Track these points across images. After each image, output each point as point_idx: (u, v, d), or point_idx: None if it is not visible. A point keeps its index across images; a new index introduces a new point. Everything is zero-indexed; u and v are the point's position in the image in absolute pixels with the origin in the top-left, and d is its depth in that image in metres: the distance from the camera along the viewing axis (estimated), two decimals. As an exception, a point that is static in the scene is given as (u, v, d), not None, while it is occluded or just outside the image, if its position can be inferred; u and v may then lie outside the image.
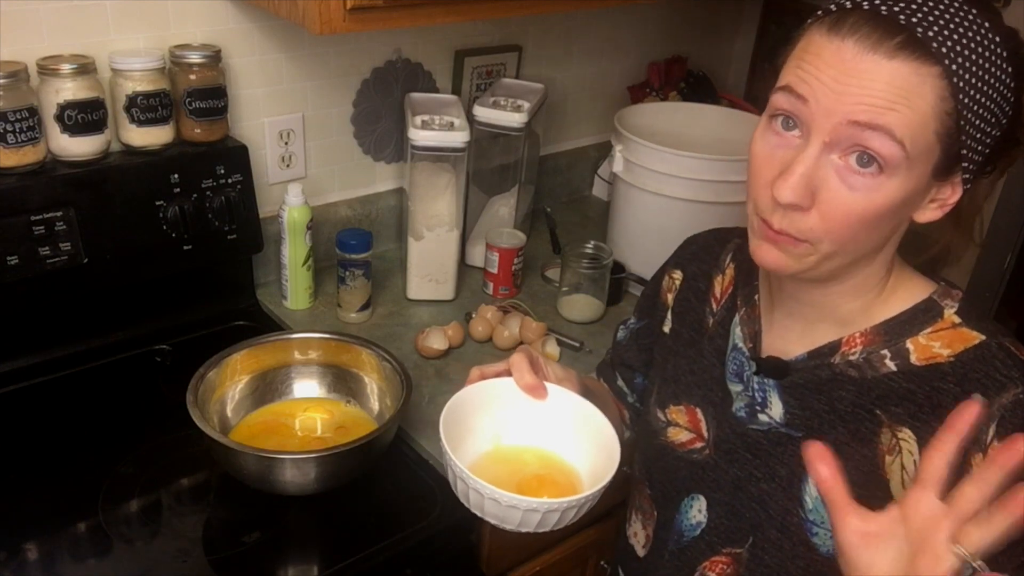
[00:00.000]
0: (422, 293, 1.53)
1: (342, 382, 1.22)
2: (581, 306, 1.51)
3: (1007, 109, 0.69)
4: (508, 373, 0.88)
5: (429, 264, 1.51)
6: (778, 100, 0.71)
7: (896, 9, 0.66)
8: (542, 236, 1.80)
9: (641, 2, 1.71)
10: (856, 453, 0.76)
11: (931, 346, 0.75)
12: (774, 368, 0.82)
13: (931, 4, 0.66)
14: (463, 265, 1.61)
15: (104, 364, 1.31)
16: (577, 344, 1.43)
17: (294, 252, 1.42)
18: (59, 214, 1.19)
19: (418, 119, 1.42)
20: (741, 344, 0.87)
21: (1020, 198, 1.79)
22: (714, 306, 0.93)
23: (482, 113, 1.52)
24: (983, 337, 0.75)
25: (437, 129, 1.42)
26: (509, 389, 0.86)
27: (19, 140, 1.14)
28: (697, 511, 0.88)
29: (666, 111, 1.77)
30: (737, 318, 0.89)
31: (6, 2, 1.14)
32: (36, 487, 1.09)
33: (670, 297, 0.99)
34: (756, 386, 0.84)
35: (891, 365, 0.76)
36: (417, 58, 1.60)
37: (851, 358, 0.78)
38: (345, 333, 1.25)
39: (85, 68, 1.17)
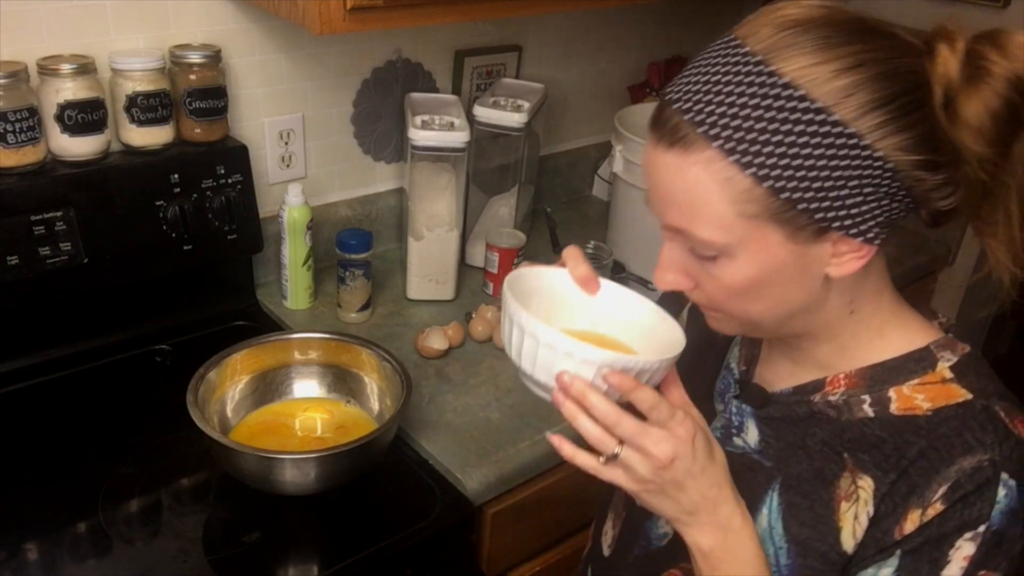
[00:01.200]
0: (422, 293, 1.53)
1: (342, 382, 1.22)
2: (581, 306, 1.51)
3: (852, 154, 0.62)
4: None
5: (429, 264, 1.51)
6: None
7: (675, 95, 0.65)
8: (542, 236, 1.80)
9: (641, 2, 1.71)
10: (815, 493, 0.74)
11: (914, 397, 0.72)
12: (755, 396, 0.81)
13: (704, 79, 0.64)
14: (463, 265, 1.61)
15: (104, 364, 1.31)
16: (577, 344, 1.43)
17: (294, 252, 1.42)
18: (59, 214, 1.19)
19: (418, 119, 1.42)
20: (734, 365, 0.86)
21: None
22: None
23: (482, 113, 1.52)
24: (970, 396, 0.70)
25: (437, 129, 1.42)
26: (562, 279, 0.81)
27: (19, 140, 1.14)
28: (666, 521, 0.85)
29: (666, 111, 1.77)
30: (738, 338, 0.88)
31: (6, 2, 1.14)
32: (36, 487, 1.09)
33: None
34: (735, 410, 0.83)
35: (869, 411, 0.73)
36: (417, 58, 1.60)
37: (831, 398, 0.75)
38: (345, 333, 1.25)
39: (85, 68, 1.17)
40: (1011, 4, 1.75)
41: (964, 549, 0.66)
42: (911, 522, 0.68)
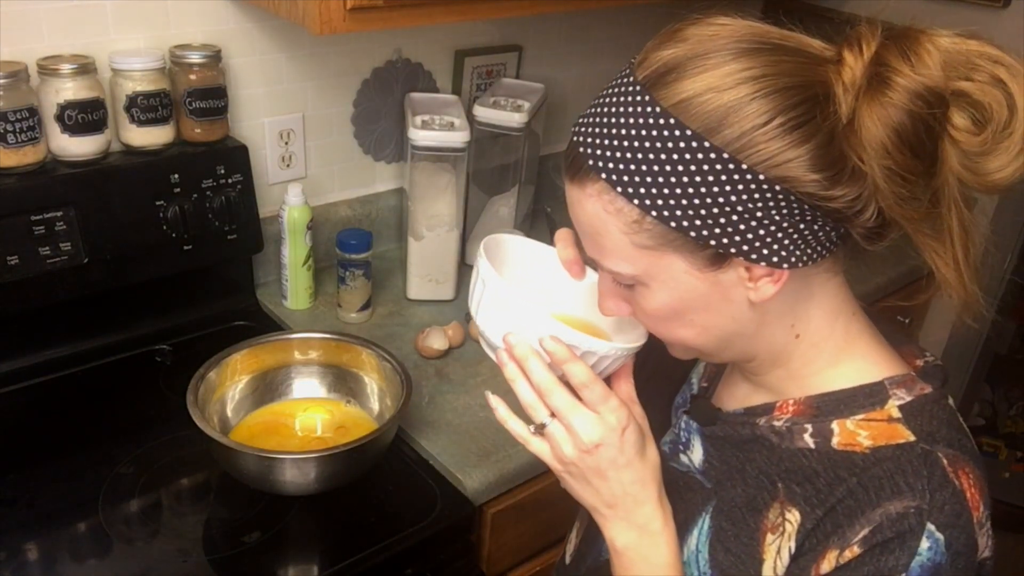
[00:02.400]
0: (422, 293, 1.53)
1: (342, 382, 1.22)
2: (581, 306, 1.51)
3: (748, 178, 0.59)
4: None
5: (429, 264, 1.51)
6: None
7: (576, 127, 0.66)
8: (542, 236, 1.77)
9: (641, 2, 1.71)
10: (743, 520, 0.72)
11: (856, 433, 0.68)
12: (703, 414, 0.79)
13: (598, 109, 0.64)
14: (463, 265, 1.61)
15: (104, 364, 1.31)
16: (577, 344, 1.43)
17: (294, 252, 1.42)
18: (59, 214, 1.19)
19: (418, 119, 1.43)
20: (695, 380, 0.85)
21: (1020, 198, 1.79)
22: None
23: (482, 113, 1.52)
24: (912, 438, 0.66)
25: (437, 129, 1.42)
26: (548, 257, 0.81)
27: (19, 140, 1.14)
28: None
29: (666, 111, 1.77)
30: None
31: (6, 2, 1.14)
32: (36, 487, 1.08)
33: None
34: (683, 425, 0.81)
35: (809, 442, 0.70)
36: (417, 58, 1.60)
37: (776, 423, 0.72)
38: (345, 333, 1.25)
39: (85, 68, 1.17)
40: (1011, 4, 1.75)
41: None
42: (827, 562, 0.64)
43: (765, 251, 0.62)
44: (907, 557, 0.62)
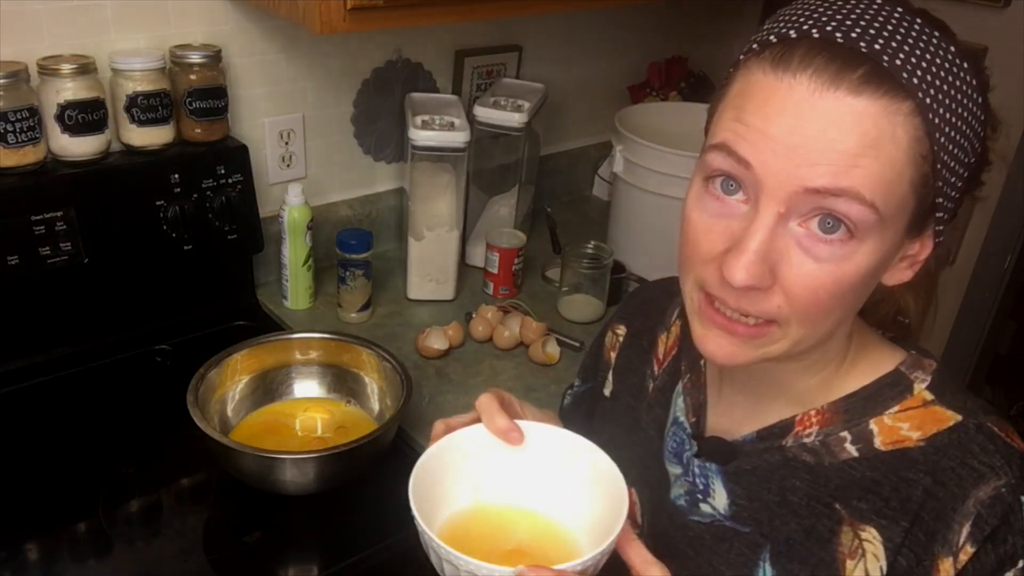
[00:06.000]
0: (422, 293, 1.53)
1: (342, 382, 1.22)
2: (581, 306, 1.51)
3: (977, 146, 0.59)
4: (477, 421, 0.72)
5: (429, 264, 1.51)
6: (714, 161, 0.59)
7: (854, 35, 0.55)
8: (542, 236, 1.80)
9: (641, 2, 1.72)
10: (812, 555, 0.65)
11: (898, 428, 0.64)
12: (718, 451, 0.71)
13: (891, 27, 0.56)
14: (463, 265, 1.61)
15: (104, 364, 1.31)
16: (577, 344, 1.43)
17: (294, 252, 1.42)
18: (59, 214, 1.19)
19: (418, 119, 1.42)
20: (683, 418, 0.75)
21: (1020, 198, 1.79)
22: (656, 369, 0.82)
23: (482, 113, 1.52)
24: (959, 417, 0.63)
25: (437, 129, 1.42)
26: (481, 438, 0.71)
27: (19, 140, 1.14)
28: None
29: (666, 111, 1.77)
30: (680, 386, 0.77)
31: (6, 2, 1.14)
32: (36, 487, 1.08)
33: (612, 355, 0.88)
34: (697, 471, 0.72)
35: (852, 450, 0.65)
36: (417, 58, 1.60)
37: (805, 440, 0.67)
38: (345, 333, 1.25)
39: (85, 68, 1.17)
40: (1011, 4, 1.74)
41: None
42: (945, 573, 0.61)
43: (944, 226, 0.61)
44: (1020, 536, 0.60)
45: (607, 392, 0.88)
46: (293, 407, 1.20)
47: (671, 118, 1.72)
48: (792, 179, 0.55)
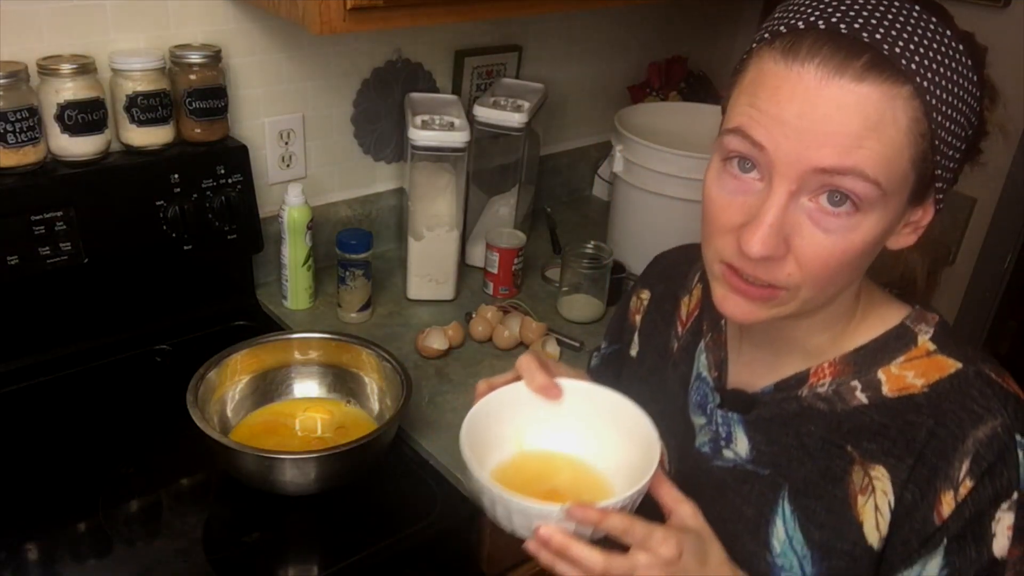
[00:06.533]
0: (422, 293, 1.53)
1: (342, 382, 1.22)
2: (581, 306, 1.51)
3: (974, 120, 0.64)
4: (517, 380, 0.81)
5: (429, 264, 1.51)
6: (731, 143, 0.65)
7: (856, 26, 0.60)
8: (542, 236, 1.80)
9: (641, 2, 1.71)
10: (827, 493, 0.72)
11: (904, 376, 0.71)
12: (739, 401, 0.78)
13: (891, 17, 0.61)
14: (463, 265, 1.61)
15: (104, 364, 1.31)
16: (577, 344, 1.43)
17: (294, 252, 1.42)
18: (59, 214, 1.19)
19: (418, 119, 1.42)
20: (706, 373, 0.83)
21: (1020, 198, 1.79)
22: (679, 330, 0.89)
23: (482, 113, 1.52)
24: (959, 365, 0.70)
25: (437, 129, 1.42)
26: (522, 394, 0.80)
27: (19, 140, 1.14)
28: None
29: (666, 111, 1.77)
30: (703, 344, 0.84)
31: (6, 2, 1.14)
32: (36, 487, 1.08)
33: (638, 319, 0.95)
34: (720, 420, 0.79)
35: (862, 397, 0.72)
36: (417, 58, 1.60)
37: (819, 390, 0.73)
38: (345, 333, 1.25)
39: (85, 68, 1.17)
40: (1011, 4, 1.74)
41: (1004, 520, 0.66)
42: (947, 505, 0.67)
43: (944, 194, 0.66)
44: (1015, 471, 0.66)
45: (633, 353, 0.95)
46: (293, 407, 1.20)
47: (671, 118, 1.72)
48: (802, 160, 0.61)
